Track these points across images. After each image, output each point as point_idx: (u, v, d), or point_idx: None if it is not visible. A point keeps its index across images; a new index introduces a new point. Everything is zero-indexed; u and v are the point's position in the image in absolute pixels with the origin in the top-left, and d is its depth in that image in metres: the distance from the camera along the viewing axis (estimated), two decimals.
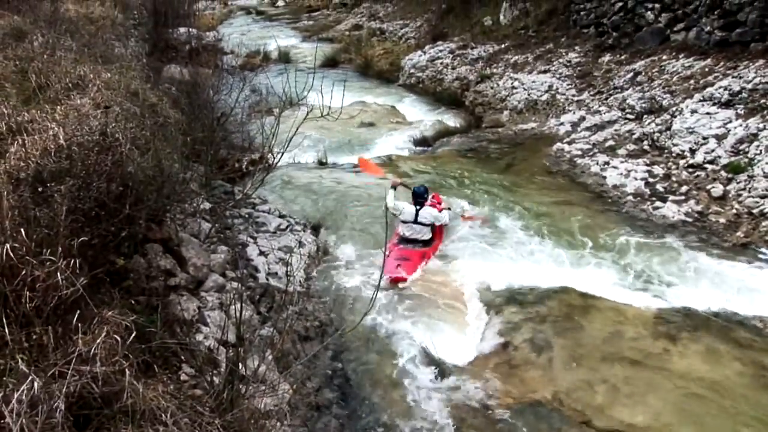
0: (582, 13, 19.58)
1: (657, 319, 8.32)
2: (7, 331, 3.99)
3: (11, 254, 4.20)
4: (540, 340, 7.96)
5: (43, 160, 5.28)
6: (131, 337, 4.38)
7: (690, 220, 10.87)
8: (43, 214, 4.70)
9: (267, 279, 8.74)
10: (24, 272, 4.20)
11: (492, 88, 19.42)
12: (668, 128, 13.07)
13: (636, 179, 12.22)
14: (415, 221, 10.46)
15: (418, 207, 10.49)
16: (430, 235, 10.56)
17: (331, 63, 26.20)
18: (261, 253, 9.39)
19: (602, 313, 8.48)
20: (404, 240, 10.55)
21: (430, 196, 11.00)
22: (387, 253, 7.87)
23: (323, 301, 8.93)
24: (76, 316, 4.30)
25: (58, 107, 6.65)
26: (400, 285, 9.35)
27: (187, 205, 8.16)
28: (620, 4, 18.01)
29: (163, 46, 22.25)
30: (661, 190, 11.83)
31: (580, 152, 13.94)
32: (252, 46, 27.93)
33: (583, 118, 15.73)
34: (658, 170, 12.35)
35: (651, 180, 12.17)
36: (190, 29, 25.27)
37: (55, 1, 14.13)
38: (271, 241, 9.79)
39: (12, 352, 3.93)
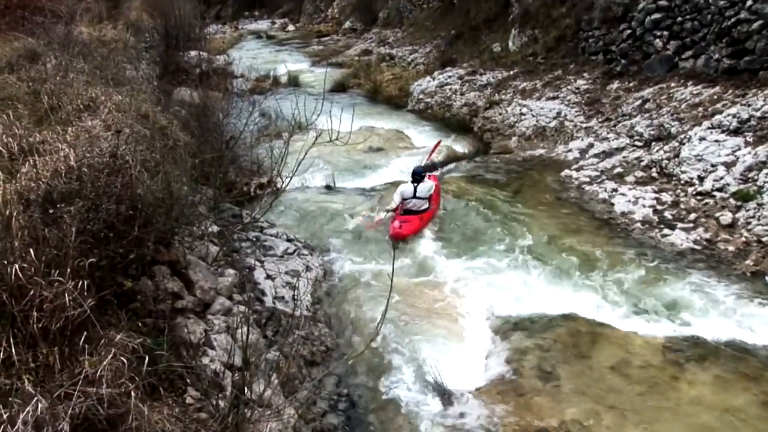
0: (590, 40, 19.65)
1: (665, 348, 8.27)
2: (13, 351, 3.99)
3: (20, 274, 4.21)
4: (547, 367, 7.92)
5: (53, 181, 5.31)
6: (137, 360, 4.38)
7: (699, 247, 10.81)
8: (52, 234, 4.72)
9: (274, 303, 8.74)
10: (32, 292, 4.21)
11: (500, 114, 19.46)
12: (677, 155, 13.07)
13: (644, 206, 12.19)
14: (414, 196, 12.36)
15: (416, 184, 12.38)
16: (428, 205, 12.51)
17: (340, 88, 26.28)
18: (268, 276, 9.40)
19: (610, 341, 8.43)
20: (406, 212, 12.36)
21: (426, 175, 12.84)
22: (392, 222, 11.92)
23: (330, 325, 8.92)
24: (83, 337, 4.30)
25: (70, 129, 6.69)
26: (400, 243, 11.46)
27: (195, 228, 8.18)
28: (628, 31, 18.09)
29: (174, 69, 22.38)
30: (670, 217, 11.79)
31: (588, 179, 13.93)
32: (262, 70, 28.10)
33: (591, 145, 15.73)
34: (667, 197, 12.33)
35: (659, 207, 12.14)
36: (201, 53, 25.45)
37: (69, 23, 14.25)
38: (278, 264, 9.80)
39: (18, 372, 3.93)
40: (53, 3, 15.62)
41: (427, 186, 12.47)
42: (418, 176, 12.48)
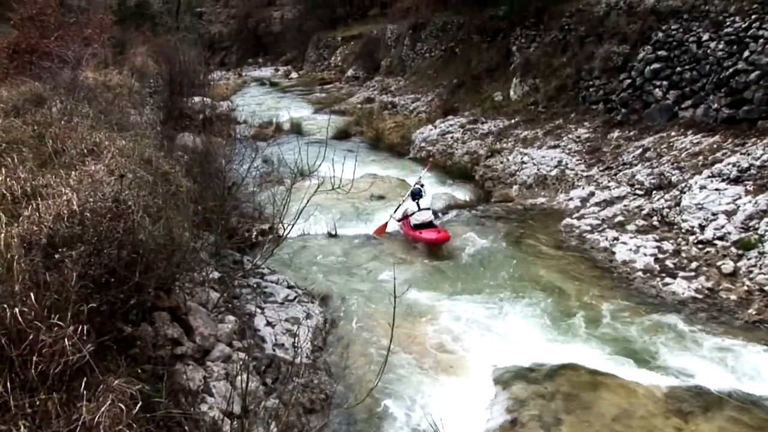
0: (591, 89, 19.85)
1: (668, 398, 8.20)
2: (10, 396, 3.96)
3: (20, 318, 4.20)
4: (548, 417, 7.84)
5: (55, 225, 5.32)
6: (136, 406, 4.34)
7: (700, 296, 10.77)
8: (53, 279, 4.71)
9: (273, 350, 8.68)
10: (32, 337, 4.19)
11: (502, 162, 19.52)
12: (677, 204, 13.10)
13: (645, 255, 12.18)
14: (419, 209, 14.34)
15: (417, 200, 14.53)
16: (433, 217, 14.64)
17: (342, 135, 26.41)
18: (268, 323, 9.35)
19: (612, 391, 8.36)
20: (417, 226, 14.23)
21: (424, 192, 15.12)
22: (415, 234, 13.99)
23: (330, 373, 8.85)
24: (82, 383, 4.27)
25: (73, 173, 6.71)
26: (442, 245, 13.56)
27: (196, 274, 8.17)
28: (628, 81, 18.28)
29: (178, 114, 22.57)
30: (671, 266, 11.77)
31: (589, 228, 13.94)
32: (265, 116, 28.32)
33: (592, 194, 15.78)
34: (668, 246, 12.32)
35: (660, 256, 12.12)
36: (205, 98, 25.66)
37: (75, 68, 14.40)
38: (278, 311, 9.76)
39: (14, 417, 3.90)
40: (60, 48, 15.82)
41: (428, 199, 14.90)
42: (417, 195, 14.79)
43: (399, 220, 14.95)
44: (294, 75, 54.64)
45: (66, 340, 4.28)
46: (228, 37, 73.32)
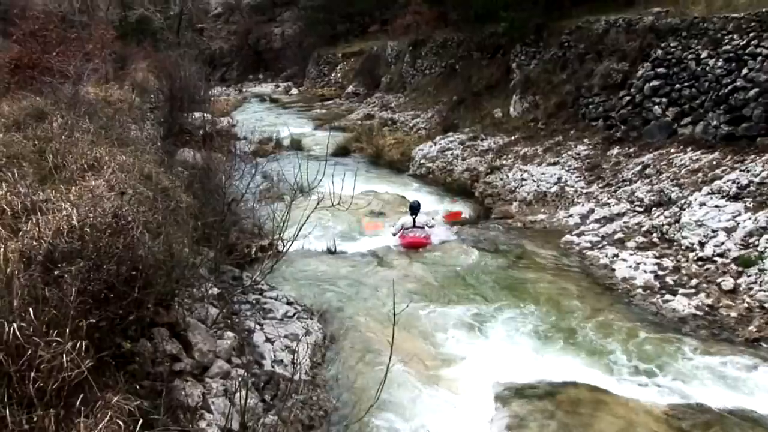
0: (590, 106, 19.89)
1: (669, 416, 8.17)
2: (8, 412, 3.95)
3: (18, 334, 4.19)
4: None
5: (55, 240, 5.32)
6: (135, 423, 4.33)
7: (701, 313, 10.75)
8: (52, 294, 4.71)
9: (272, 366, 8.66)
10: (30, 352, 4.18)
11: (501, 179, 19.56)
12: (677, 221, 13.11)
13: (645, 272, 12.18)
14: (414, 226, 15.23)
15: (414, 216, 15.32)
16: (424, 235, 15.23)
17: (342, 151, 26.40)
18: (267, 339, 9.33)
19: (612, 408, 8.34)
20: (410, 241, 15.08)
21: (421, 208, 15.76)
22: (402, 242, 15.15)
23: (329, 389, 8.83)
24: (80, 399, 4.26)
25: (73, 188, 6.72)
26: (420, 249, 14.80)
27: (195, 290, 8.16)
28: (628, 98, 18.33)
29: (178, 130, 22.58)
30: (671, 283, 11.76)
31: (589, 244, 13.96)
32: (265, 132, 28.31)
33: (592, 211, 15.79)
34: (668, 263, 12.33)
35: (660, 273, 12.12)
36: (205, 114, 25.69)
37: (76, 84, 14.45)
38: (278, 328, 9.74)
39: None
40: (62, 63, 15.88)
41: (423, 219, 15.50)
42: (415, 210, 15.50)
43: (395, 234, 15.51)
44: (294, 91, 54.75)
45: (64, 355, 4.27)
46: (229, 53, 73.45)
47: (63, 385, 4.26)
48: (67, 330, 4.45)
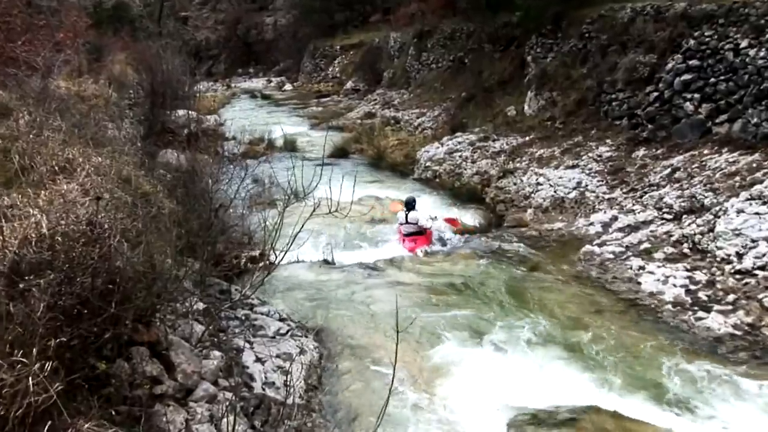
0: (614, 103, 19.83)
1: None
2: None
3: None
4: None
5: (22, 250, 5.25)
6: None
7: (739, 333, 10.64)
8: (18, 310, 4.64)
9: (263, 389, 8.59)
10: None
11: (515, 183, 19.52)
12: (711, 230, 13.01)
13: (675, 286, 12.10)
14: (406, 222, 16.38)
15: (407, 212, 16.43)
16: (421, 228, 16.33)
17: (341, 153, 26.46)
18: (258, 359, 9.27)
19: None
20: (407, 234, 16.28)
21: (416, 204, 16.74)
22: (401, 243, 16.15)
23: (325, 415, 8.77)
24: (47, 426, 4.20)
25: (42, 192, 6.66)
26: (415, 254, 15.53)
27: (178, 305, 8.10)
28: (656, 94, 18.22)
29: (160, 129, 22.63)
30: (705, 298, 11.67)
31: (612, 255, 13.88)
32: (256, 132, 28.34)
33: (615, 218, 15.71)
34: (701, 276, 12.24)
35: (692, 287, 12.04)
36: (190, 112, 25.75)
37: (46, 77, 14.38)
38: (269, 346, 9.68)
39: None
40: (28, 54, 15.77)
41: (415, 215, 16.37)
42: (409, 205, 16.56)
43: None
44: (288, 87, 54.91)
45: (30, 378, 4.20)
46: (216, 44, 73.75)
47: (28, 412, 4.19)
48: (34, 350, 4.39)
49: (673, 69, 17.89)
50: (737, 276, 11.87)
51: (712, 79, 16.75)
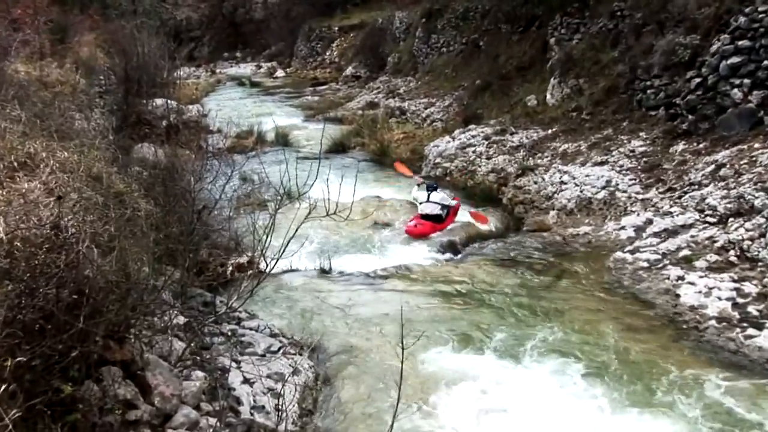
0: (649, 91, 19.73)
1: None
2: None
3: None
4: None
5: None
6: None
7: None
8: None
9: (251, 414, 8.57)
10: None
11: (536, 182, 19.47)
12: (763, 235, 12.94)
13: (720, 299, 12.00)
14: (428, 200, 17.66)
15: (429, 192, 17.92)
16: (441, 213, 17.60)
17: (339, 148, 26.52)
18: (246, 380, 9.26)
19: None
20: (422, 216, 17.47)
21: (440, 188, 18.39)
22: (409, 221, 17.51)
23: None
24: None
25: (0, 192, 6.63)
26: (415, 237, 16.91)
27: (156, 319, 8.09)
28: (698, 80, 17.99)
29: (135, 120, 22.63)
30: (755, 313, 11.55)
31: (646, 264, 13.80)
32: (244, 124, 28.37)
33: (650, 221, 15.64)
34: (750, 288, 12.14)
35: (741, 300, 11.93)
36: (169, 101, 25.74)
37: (1, 60, 14.34)
38: (258, 366, 9.65)
39: None
40: None
41: (439, 195, 17.80)
42: (431, 187, 18.18)
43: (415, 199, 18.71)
44: (280, 73, 55.02)
45: None
46: (198, 24, 73.93)
47: None
48: None
49: (719, 51, 17.60)
50: None
51: (766, 62, 16.52)
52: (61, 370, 5.32)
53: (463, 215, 18.42)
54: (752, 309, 11.59)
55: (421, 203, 17.86)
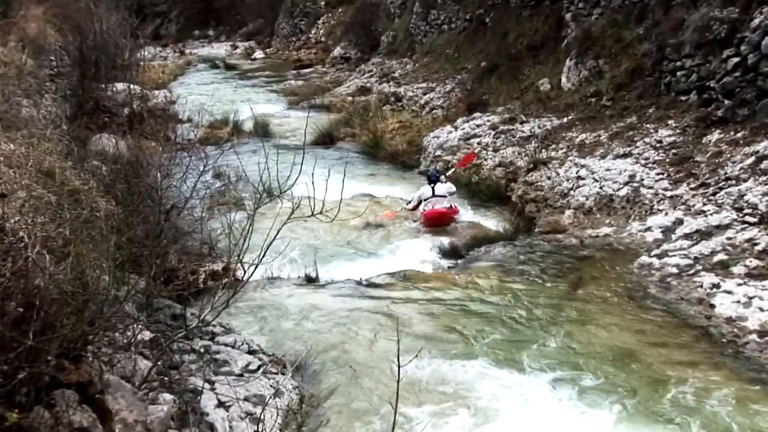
0: (679, 73, 19.68)
1: None
2: None
3: None
4: None
5: None
6: None
7: None
8: None
9: None
10: None
11: (549, 178, 19.49)
12: None
13: (762, 310, 11.97)
14: (434, 195, 18.27)
15: (433, 185, 18.37)
16: (450, 205, 18.47)
17: (326, 139, 26.68)
18: (220, 404, 9.25)
19: None
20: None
21: (443, 177, 18.96)
22: (423, 218, 18.25)
23: None
24: None
25: None
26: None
27: (118, 335, 8.06)
28: (736, 59, 17.82)
29: (92, 107, 22.60)
30: None
31: (675, 269, 13.80)
32: (217, 112, 28.39)
33: (679, 221, 15.63)
34: None
35: None
36: (132, 86, 25.71)
37: None
38: (235, 387, 9.63)
39: None
40: None
41: (444, 186, 18.48)
42: (433, 178, 18.64)
43: (413, 209, 18.90)
44: (258, 54, 55.13)
45: None
46: None
47: None
48: None
49: (761, 26, 17.47)
50: None
51: None
52: (5, 395, 5.28)
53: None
54: None
55: (426, 200, 18.40)
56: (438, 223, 18.09)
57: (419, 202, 18.69)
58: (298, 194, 9.56)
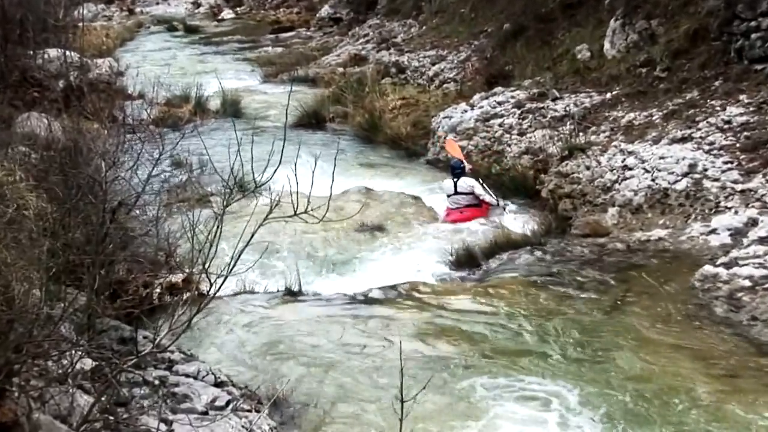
0: (753, 36, 19.49)
1: None
2: None
3: None
4: None
5: None
6: None
7: None
8: None
9: None
10: None
11: (588, 168, 19.40)
12: None
13: None
14: (456, 192, 19.21)
15: (455, 179, 19.22)
16: (476, 202, 19.25)
17: (312, 120, 26.64)
18: None
19: None
20: (457, 209, 19.16)
21: (467, 167, 19.87)
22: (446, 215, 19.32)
23: None
24: None
25: None
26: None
27: (51, 363, 8.05)
28: None
29: (18, 79, 22.54)
30: None
31: (748, 282, 13.73)
32: (176, 87, 28.36)
33: (753, 222, 15.57)
34: None
35: None
36: (68, 53, 25.65)
37: None
38: (198, 428, 9.64)
39: None
40: None
41: (467, 182, 19.28)
42: (457, 170, 19.40)
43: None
44: (227, 14, 55.20)
45: None
46: None
47: None
48: None
49: None
50: None
51: None
52: None
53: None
54: None
55: (449, 196, 19.52)
56: (462, 221, 18.84)
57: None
58: (277, 189, 9.57)
